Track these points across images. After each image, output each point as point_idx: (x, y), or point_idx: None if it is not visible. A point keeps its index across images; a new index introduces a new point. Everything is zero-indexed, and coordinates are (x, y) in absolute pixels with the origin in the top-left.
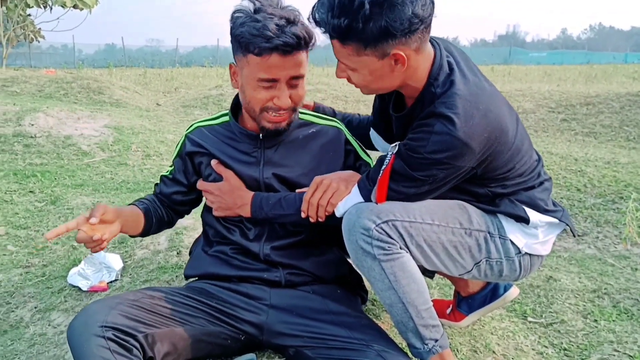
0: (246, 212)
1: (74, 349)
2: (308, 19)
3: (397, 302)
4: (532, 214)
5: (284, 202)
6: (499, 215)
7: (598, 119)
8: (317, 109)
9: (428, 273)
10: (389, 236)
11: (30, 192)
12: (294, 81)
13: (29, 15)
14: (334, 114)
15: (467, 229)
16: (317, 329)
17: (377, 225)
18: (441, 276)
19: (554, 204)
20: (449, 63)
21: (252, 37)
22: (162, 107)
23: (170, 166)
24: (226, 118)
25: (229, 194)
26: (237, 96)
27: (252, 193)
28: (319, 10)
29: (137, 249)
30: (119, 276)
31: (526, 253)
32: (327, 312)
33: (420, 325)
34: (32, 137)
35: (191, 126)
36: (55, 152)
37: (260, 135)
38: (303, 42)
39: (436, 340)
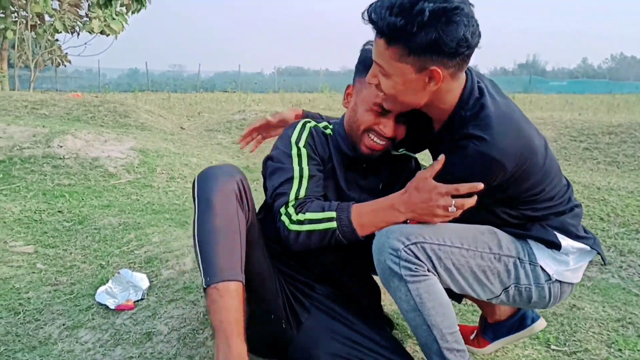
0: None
1: (202, 179)
2: (362, 14)
3: (422, 323)
4: (563, 240)
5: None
6: (529, 241)
7: (621, 148)
8: (305, 115)
9: (456, 297)
10: (417, 258)
11: (59, 211)
12: (402, 118)
13: (57, 40)
14: (321, 118)
15: (497, 254)
16: (353, 337)
17: (405, 246)
18: (465, 302)
19: (585, 231)
20: (480, 88)
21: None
22: (186, 130)
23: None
24: (329, 131)
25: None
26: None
27: None
28: (379, 7)
29: (163, 269)
30: (145, 295)
31: (557, 280)
32: (358, 324)
33: (445, 348)
34: (60, 158)
35: (308, 122)
36: (82, 174)
37: (364, 164)
38: None
39: None
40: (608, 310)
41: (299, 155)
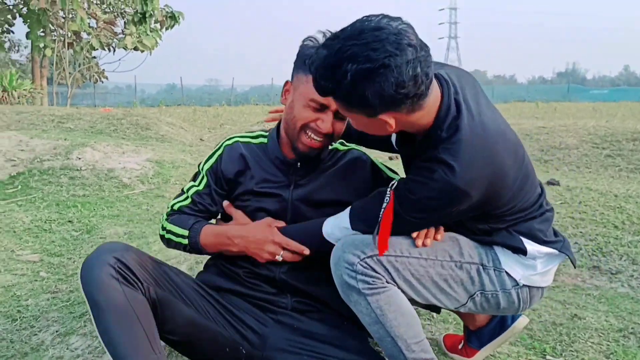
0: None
1: (83, 277)
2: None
3: (386, 335)
4: (529, 245)
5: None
6: (494, 246)
7: None
8: None
9: (434, 307)
10: (374, 270)
11: (69, 221)
12: (340, 115)
13: (94, 57)
14: None
15: (458, 261)
16: (317, 349)
17: (361, 260)
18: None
19: (555, 234)
20: (457, 103)
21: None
22: (205, 142)
23: (202, 178)
24: (264, 140)
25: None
26: (279, 123)
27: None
28: (313, 67)
29: None
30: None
31: (524, 285)
32: (330, 336)
33: (411, 358)
34: (77, 169)
35: (230, 139)
36: (97, 184)
37: (298, 164)
38: None
39: None
40: (611, 320)
41: (197, 178)
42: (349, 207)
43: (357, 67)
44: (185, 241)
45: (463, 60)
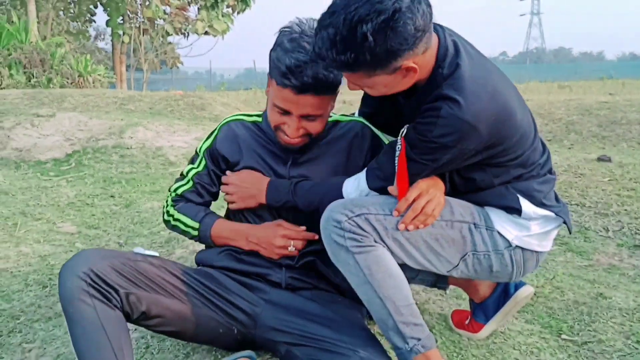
0: (262, 198)
1: (59, 288)
2: (310, 54)
3: (374, 297)
4: (525, 204)
5: (299, 189)
6: (486, 208)
7: None
8: None
9: (440, 285)
10: (362, 229)
11: (111, 196)
12: (309, 117)
13: (169, 43)
14: None
15: (449, 220)
16: (307, 329)
17: (349, 218)
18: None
19: (556, 199)
20: (455, 43)
21: (274, 65)
22: None
23: (201, 160)
24: (259, 119)
25: (248, 181)
26: None
27: (268, 179)
28: (321, 47)
29: (177, 249)
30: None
31: (517, 246)
32: (321, 316)
33: (400, 322)
34: (128, 148)
35: (226, 119)
36: (145, 162)
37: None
38: (320, 88)
39: (419, 339)
40: None
41: (196, 160)
42: (365, 168)
43: (373, 24)
44: (195, 233)
45: (546, 37)
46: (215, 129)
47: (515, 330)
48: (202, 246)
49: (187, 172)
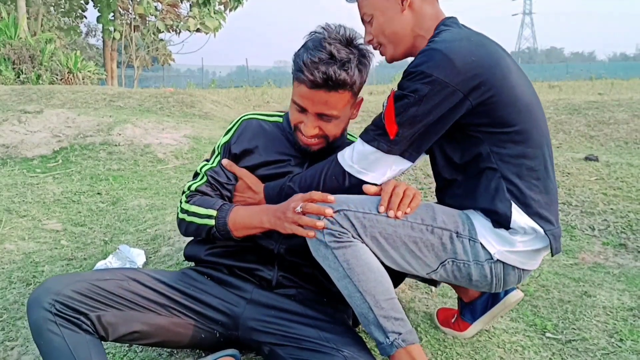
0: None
1: (27, 316)
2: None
3: (354, 291)
4: (517, 214)
5: (295, 177)
6: (471, 216)
7: None
8: None
9: (431, 281)
10: (340, 225)
11: (98, 193)
12: (324, 116)
13: (161, 40)
14: None
15: (429, 225)
16: (289, 329)
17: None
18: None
19: (556, 220)
20: (456, 24)
21: (294, 62)
22: None
23: (217, 155)
24: (279, 119)
25: (246, 191)
26: None
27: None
28: None
29: (163, 246)
30: (140, 266)
31: (498, 260)
32: (303, 315)
33: (380, 316)
34: (116, 145)
35: (247, 115)
36: (133, 159)
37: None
38: (332, 84)
39: (399, 334)
40: (624, 299)
41: (213, 155)
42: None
43: None
44: (212, 222)
45: (538, 37)
46: (236, 123)
47: (499, 328)
48: (185, 244)
49: (201, 169)
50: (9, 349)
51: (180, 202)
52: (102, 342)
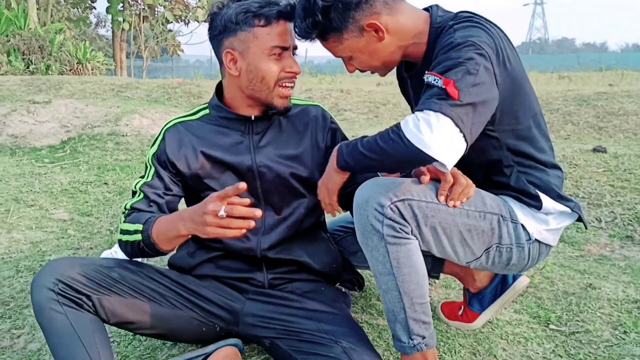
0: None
1: (31, 296)
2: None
3: (394, 289)
4: (545, 200)
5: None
6: (508, 199)
7: None
8: None
9: (433, 274)
10: (403, 217)
11: (105, 183)
12: (294, 52)
13: (170, 30)
14: None
15: (482, 211)
16: (289, 324)
17: (392, 203)
18: (449, 275)
19: (568, 197)
20: (455, 17)
21: (259, 8)
22: None
23: (150, 169)
24: (206, 111)
25: None
26: (217, 90)
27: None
28: (294, 23)
29: None
30: (144, 261)
31: (536, 240)
32: (302, 309)
33: (411, 318)
34: (123, 135)
35: (168, 123)
36: (140, 149)
37: (252, 117)
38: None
39: (423, 337)
40: (629, 291)
41: (145, 172)
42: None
43: None
44: (139, 237)
45: (550, 27)
46: (159, 134)
47: (503, 320)
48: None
49: (136, 185)
50: (15, 337)
51: (120, 222)
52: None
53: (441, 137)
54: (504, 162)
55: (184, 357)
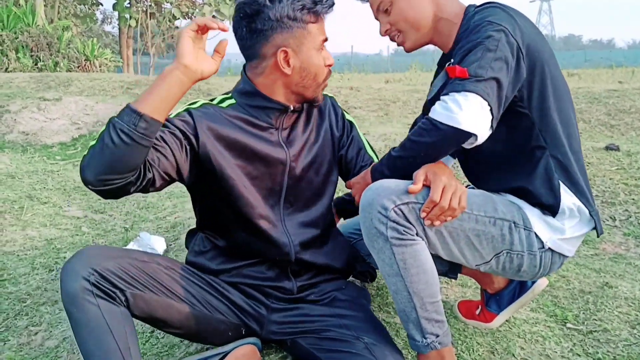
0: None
1: (61, 289)
2: None
3: (403, 290)
4: (566, 194)
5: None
6: (523, 206)
7: None
8: None
9: (451, 274)
10: (407, 219)
11: None
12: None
13: (177, 27)
14: None
15: (492, 217)
16: (311, 324)
17: (396, 206)
18: (468, 276)
19: (591, 200)
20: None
21: (313, 4)
22: None
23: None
24: (231, 101)
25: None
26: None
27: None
28: None
29: (183, 233)
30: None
31: (549, 249)
32: (324, 306)
33: (422, 317)
34: None
35: (194, 103)
36: None
37: (292, 107)
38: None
39: (437, 336)
40: None
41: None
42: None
43: None
44: (107, 124)
45: (556, 24)
46: (183, 110)
47: (520, 318)
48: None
49: None
50: (32, 334)
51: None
52: None
53: (470, 111)
54: (533, 141)
55: (202, 355)
